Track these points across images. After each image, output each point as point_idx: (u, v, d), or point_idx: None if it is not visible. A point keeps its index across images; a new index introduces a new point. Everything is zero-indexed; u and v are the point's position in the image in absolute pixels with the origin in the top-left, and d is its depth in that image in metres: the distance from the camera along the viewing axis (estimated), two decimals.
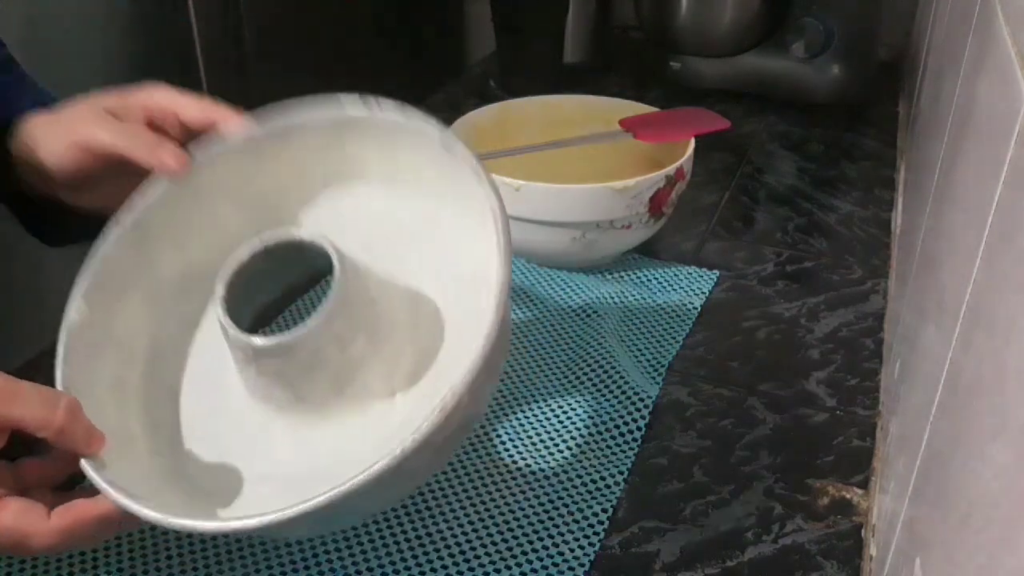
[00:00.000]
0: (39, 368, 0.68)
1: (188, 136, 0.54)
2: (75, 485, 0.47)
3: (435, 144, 0.51)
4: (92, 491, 0.43)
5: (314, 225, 0.51)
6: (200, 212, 0.54)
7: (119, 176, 0.53)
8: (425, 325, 0.51)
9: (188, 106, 0.54)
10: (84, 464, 0.44)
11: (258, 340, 0.46)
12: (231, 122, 0.54)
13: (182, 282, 0.54)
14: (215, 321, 0.50)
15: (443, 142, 0.50)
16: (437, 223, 0.53)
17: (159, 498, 0.44)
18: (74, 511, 0.43)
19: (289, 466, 0.48)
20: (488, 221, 0.47)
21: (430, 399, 0.43)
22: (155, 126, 0.54)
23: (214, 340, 0.52)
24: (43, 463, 0.46)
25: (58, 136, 0.53)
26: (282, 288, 0.51)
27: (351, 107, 0.52)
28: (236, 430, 0.50)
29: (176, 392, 0.52)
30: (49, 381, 0.65)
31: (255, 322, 0.51)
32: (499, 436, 0.62)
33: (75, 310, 0.49)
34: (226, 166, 0.54)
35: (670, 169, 0.74)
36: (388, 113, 0.52)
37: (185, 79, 1.05)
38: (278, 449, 0.49)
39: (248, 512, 0.41)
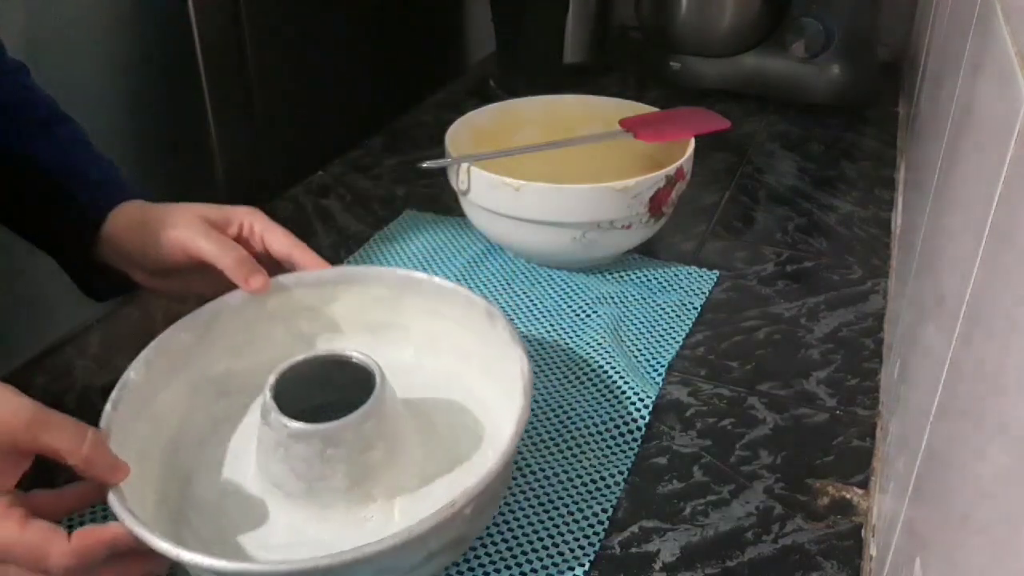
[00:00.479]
0: (40, 368, 0.68)
1: (269, 261, 0.62)
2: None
3: (479, 312, 0.59)
4: None
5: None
6: (259, 329, 0.61)
7: (198, 274, 0.61)
8: (435, 456, 0.56)
9: (279, 238, 0.62)
10: (110, 495, 0.47)
11: (295, 424, 0.51)
12: (309, 261, 0.62)
13: (222, 385, 0.60)
14: (241, 425, 0.59)
15: (487, 311, 0.58)
16: (463, 381, 0.61)
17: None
18: (90, 533, 0.45)
19: (279, 553, 0.51)
20: (515, 382, 0.53)
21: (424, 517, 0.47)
22: (243, 240, 0.62)
23: (235, 442, 0.58)
24: (54, 495, 0.48)
25: (164, 233, 0.60)
26: (318, 400, 0.55)
27: (415, 272, 0.62)
28: (239, 513, 0.54)
29: (188, 477, 0.56)
30: (52, 380, 0.65)
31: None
32: None
33: (135, 371, 0.54)
34: (293, 296, 0.62)
35: (670, 169, 0.74)
36: (444, 282, 0.61)
37: (185, 79, 1.05)
38: (274, 535, 0.52)
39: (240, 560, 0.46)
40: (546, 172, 0.80)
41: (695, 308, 0.75)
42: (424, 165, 0.76)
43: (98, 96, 0.99)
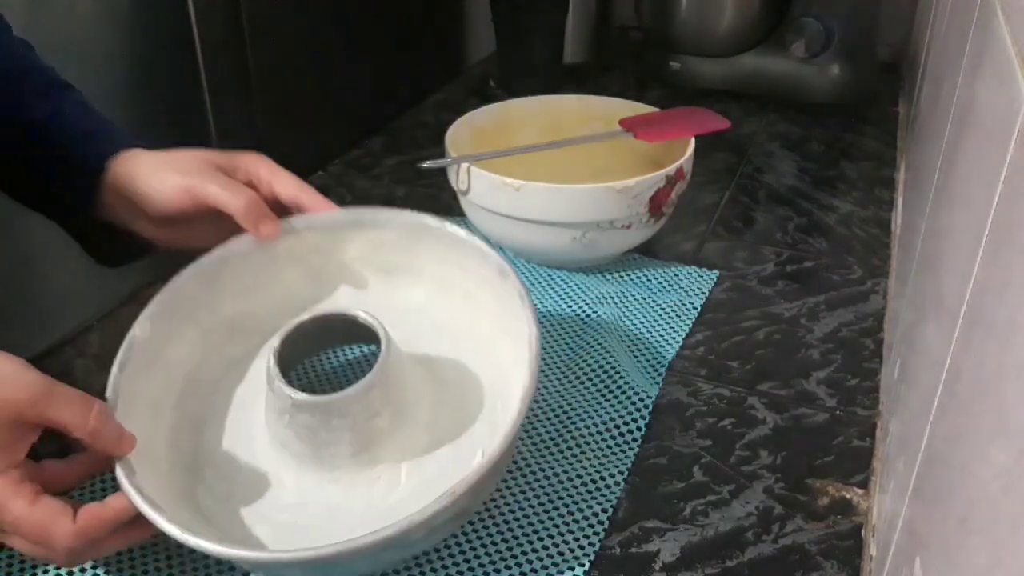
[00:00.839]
0: (40, 368, 0.68)
1: (276, 205, 0.60)
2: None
3: (491, 266, 0.58)
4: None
5: (365, 307, 0.57)
6: (269, 272, 0.60)
7: (206, 222, 0.59)
8: (443, 416, 0.56)
9: (286, 182, 0.60)
10: (117, 468, 0.47)
11: (299, 395, 0.51)
12: (319, 205, 0.60)
13: (234, 326, 0.60)
14: (253, 367, 0.58)
15: (499, 267, 0.58)
16: (473, 332, 0.60)
17: (171, 512, 0.47)
18: (93, 512, 0.45)
19: (289, 514, 0.52)
20: (523, 345, 0.52)
21: (432, 482, 0.48)
22: (250, 187, 0.60)
23: (248, 384, 0.58)
24: (64, 465, 0.49)
25: (169, 178, 0.58)
26: (330, 346, 0.56)
27: (428, 217, 0.60)
28: (250, 470, 0.54)
29: (201, 424, 0.56)
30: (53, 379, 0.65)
31: (294, 376, 0.57)
32: None
33: (140, 328, 0.54)
34: (303, 238, 0.60)
35: (670, 169, 0.74)
36: (458, 229, 0.59)
37: (185, 79, 1.05)
38: (284, 496, 0.53)
39: (244, 545, 0.47)
40: (546, 172, 0.80)
41: (695, 308, 0.75)
42: (424, 165, 0.76)
43: (98, 96, 0.98)
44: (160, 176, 0.59)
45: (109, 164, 0.60)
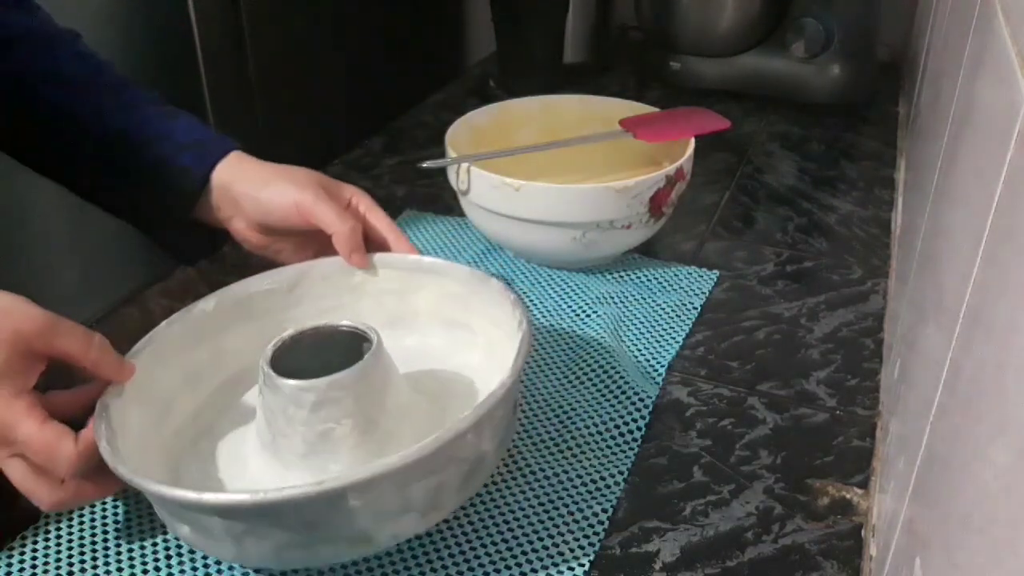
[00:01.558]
0: None
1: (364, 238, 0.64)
2: None
3: (501, 295, 0.59)
4: None
5: (420, 353, 0.61)
6: (345, 299, 0.64)
7: (298, 237, 0.64)
8: (438, 420, 0.56)
9: (380, 219, 0.65)
10: (94, 418, 0.50)
11: (267, 368, 0.52)
12: (404, 248, 0.64)
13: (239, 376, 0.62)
14: (246, 406, 0.60)
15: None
16: (468, 364, 0.62)
17: (145, 466, 0.50)
18: (90, 435, 0.49)
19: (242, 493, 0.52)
20: (515, 324, 0.55)
21: None
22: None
23: (244, 420, 0.59)
24: (70, 394, 0.52)
25: (286, 189, 0.62)
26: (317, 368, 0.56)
27: (491, 275, 0.62)
28: (238, 472, 0.55)
29: (205, 454, 0.57)
30: (52, 380, 0.65)
31: None
32: None
33: (205, 303, 0.59)
34: (380, 275, 0.64)
35: (670, 169, 0.74)
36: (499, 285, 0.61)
37: (185, 79, 1.05)
38: (244, 477, 0.54)
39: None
40: (546, 172, 0.80)
41: (695, 308, 0.75)
42: (424, 165, 0.76)
43: None
44: (277, 186, 0.62)
45: (214, 171, 0.64)
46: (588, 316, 0.74)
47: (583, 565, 0.52)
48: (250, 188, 0.63)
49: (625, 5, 1.29)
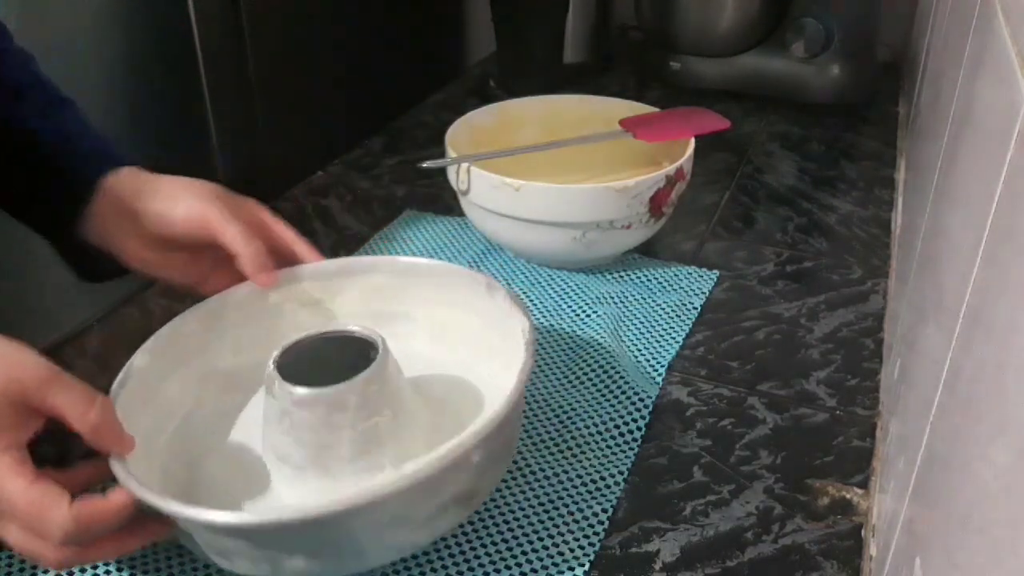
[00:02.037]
0: None
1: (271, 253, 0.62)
2: None
3: (480, 287, 0.60)
4: None
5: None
6: (264, 324, 0.62)
7: (195, 254, 0.61)
8: (440, 425, 0.56)
9: (284, 232, 0.63)
10: (112, 460, 0.47)
11: (299, 390, 0.51)
12: (313, 257, 0.63)
13: (229, 379, 0.60)
14: (246, 416, 0.59)
15: (488, 285, 0.60)
16: (468, 363, 0.62)
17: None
18: (93, 501, 0.44)
19: None
20: (519, 344, 0.54)
21: None
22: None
23: (241, 428, 0.58)
24: (64, 475, 0.47)
25: (189, 202, 0.59)
26: (321, 381, 0.55)
27: (411, 258, 0.64)
28: (247, 484, 0.54)
29: (195, 461, 0.56)
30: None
31: None
32: None
33: (139, 359, 0.55)
34: (296, 289, 0.63)
35: (670, 169, 0.74)
36: (443, 262, 0.63)
37: (185, 79, 1.05)
38: (283, 502, 0.53)
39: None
40: (546, 172, 0.80)
41: (695, 308, 0.75)
42: (424, 165, 0.76)
43: (98, 96, 0.99)
44: (178, 198, 0.59)
45: (105, 179, 0.60)
46: (588, 316, 0.74)
47: (583, 565, 0.52)
48: (151, 202, 0.59)
49: (625, 5, 1.29)
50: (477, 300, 0.60)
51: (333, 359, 0.56)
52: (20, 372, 0.44)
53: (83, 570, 0.52)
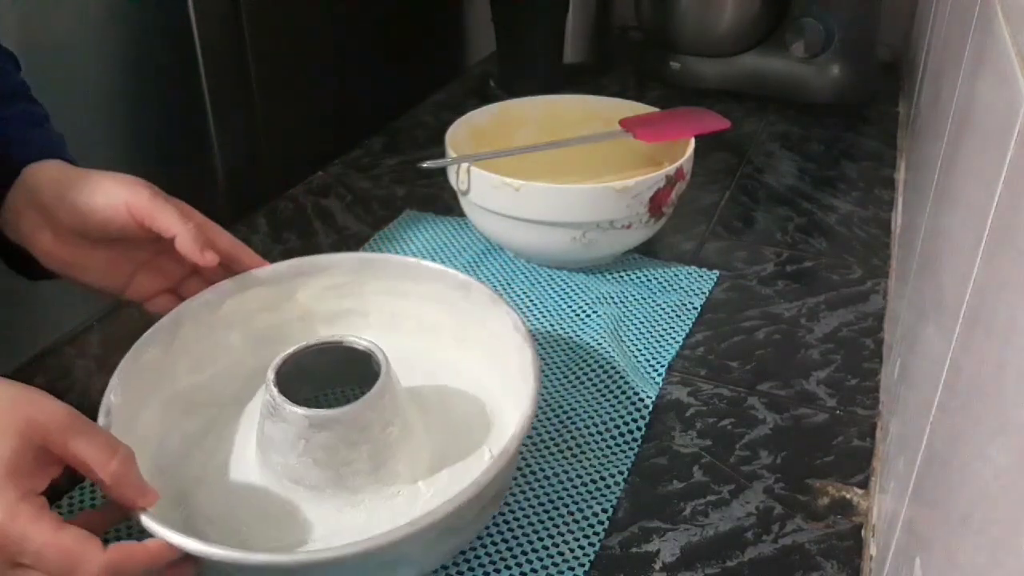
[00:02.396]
0: (40, 368, 0.68)
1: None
2: None
3: (452, 281, 0.59)
4: None
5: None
6: (216, 338, 0.59)
7: (119, 248, 0.57)
8: (436, 429, 0.56)
9: (220, 234, 0.59)
10: (143, 517, 0.45)
11: (317, 413, 0.50)
12: (255, 261, 0.59)
13: (188, 400, 0.58)
14: (211, 434, 0.56)
15: (461, 282, 0.59)
16: (440, 357, 0.61)
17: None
18: (127, 547, 0.42)
19: (322, 543, 0.50)
20: (506, 339, 0.54)
21: (449, 490, 0.47)
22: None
23: (217, 450, 0.56)
24: (79, 520, 0.45)
25: (118, 192, 0.55)
26: (307, 393, 0.55)
27: (371, 253, 0.62)
28: (262, 513, 0.52)
29: (185, 495, 0.53)
30: (52, 380, 0.65)
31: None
32: None
33: (114, 393, 0.51)
34: (247, 296, 0.60)
35: (670, 169, 0.74)
36: (406, 257, 0.61)
37: (185, 79, 1.05)
38: (306, 532, 0.51)
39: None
40: (546, 172, 0.80)
41: (695, 308, 0.75)
42: (424, 165, 0.76)
43: (98, 97, 0.99)
44: (102, 186, 0.56)
45: (26, 170, 0.57)
46: (588, 316, 0.74)
47: (583, 565, 0.52)
48: (69, 192, 0.55)
49: (625, 5, 1.29)
50: (447, 294, 0.60)
51: (318, 370, 0.56)
52: (43, 416, 0.42)
53: None
